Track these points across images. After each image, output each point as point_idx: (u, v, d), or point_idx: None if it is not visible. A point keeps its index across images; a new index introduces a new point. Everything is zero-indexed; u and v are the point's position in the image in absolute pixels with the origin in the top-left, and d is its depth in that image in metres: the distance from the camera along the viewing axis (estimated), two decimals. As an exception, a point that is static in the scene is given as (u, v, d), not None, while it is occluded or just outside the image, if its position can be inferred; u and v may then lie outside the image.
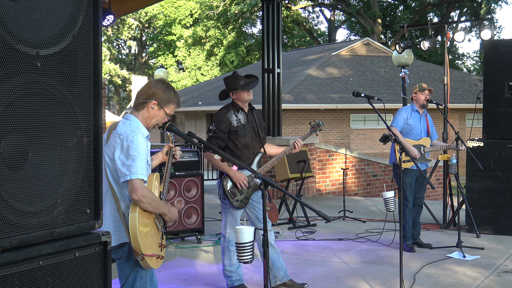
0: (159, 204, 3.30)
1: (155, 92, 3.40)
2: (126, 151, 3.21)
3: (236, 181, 4.80)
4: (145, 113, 3.41)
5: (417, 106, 6.75)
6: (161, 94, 3.41)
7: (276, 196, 10.51)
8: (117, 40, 45.73)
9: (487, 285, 5.27)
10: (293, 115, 20.72)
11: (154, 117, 3.42)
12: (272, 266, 4.95)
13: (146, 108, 3.40)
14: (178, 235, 6.99)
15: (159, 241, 3.35)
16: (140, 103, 3.41)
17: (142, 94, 3.42)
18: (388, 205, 5.52)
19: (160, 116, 3.43)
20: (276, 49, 10.81)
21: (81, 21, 2.31)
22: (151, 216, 3.29)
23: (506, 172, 7.28)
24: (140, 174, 3.19)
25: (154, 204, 3.25)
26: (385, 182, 12.80)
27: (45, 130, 2.17)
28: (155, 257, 3.27)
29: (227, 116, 4.90)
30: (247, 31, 40.71)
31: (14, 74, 2.03)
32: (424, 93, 6.69)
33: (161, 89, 3.42)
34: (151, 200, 3.22)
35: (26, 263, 2.08)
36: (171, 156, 3.63)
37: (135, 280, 3.35)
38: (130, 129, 3.29)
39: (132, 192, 3.16)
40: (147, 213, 3.25)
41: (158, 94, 3.40)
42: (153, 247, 3.26)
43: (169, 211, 3.37)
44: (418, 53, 32.94)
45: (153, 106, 3.40)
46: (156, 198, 3.29)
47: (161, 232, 3.38)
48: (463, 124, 22.87)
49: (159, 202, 3.31)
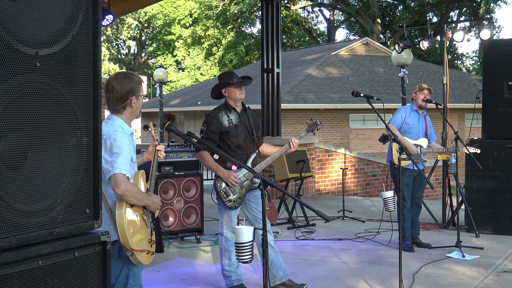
0: (142, 196, 3.35)
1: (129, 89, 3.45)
2: (110, 149, 3.27)
3: (225, 180, 4.81)
4: (128, 111, 3.48)
5: (416, 106, 6.75)
6: (134, 85, 3.47)
7: (276, 196, 10.51)
8: (117, 40, 45.73)
9: (486, 284, 5.27)
10: (293, 115, 20.73)
11: (137, 108, 3.52)
12: (271, 266, 4.95)
13: (128, 106, 3.47)
14: (177, 235, 6.98)
15: (148, 237, 3.39)
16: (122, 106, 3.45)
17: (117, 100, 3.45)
18: (388, 205, 5.53)
19: (141, 103, 3.55)
20: (276, 49, 10.81)
21: (81, 21, 2.31)
22: (138, 211, 3.34)
23: (505, 172, 7.28)
24: (122, 169, 3.23)
25: (138, 196, 3.30)
26: (384, 182, 12.80)
27: (45, 130, 2.16)
28: (145, 252, 3.31)
29: (218, 117, 4.91)
30: (246, 31, 40.73)
31: (14, 74, 2.03)
32: (423, 93, 6.69)
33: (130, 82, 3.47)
34: (134, 193, 3.27)
35: (25, 263, 2.08)
36: (156, 155, 3.67)
37: (128, 277, 3.38)
38: (112, 128, 3.35)
39: (115, 187, 3.20)
40: (134, 209, 3.30)
41: (132, 88, 3.47)
42: (142, 242, 3.30)
43: (153, 202, 3.42)
44: (418, 53, 32.97)
45: (134, 101, 3.47)
46: (139, 191, 3.34)
47: (149, 228, 3.43)
48: (463, 124, 22.88)
49: (142, 194, 3.36)
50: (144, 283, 5.39)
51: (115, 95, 3.44)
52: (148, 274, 5.69)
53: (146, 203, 3.37)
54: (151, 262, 3.44)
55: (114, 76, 3.54)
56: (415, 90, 6.79)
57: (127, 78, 3.48)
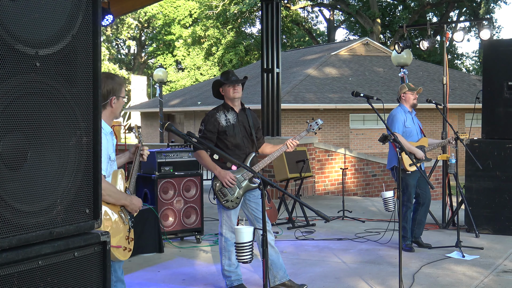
0: (120, 196, 3.39)
1: (109, 89, 3.49)
2: None
3: (221, 180, 4.81)
4: (107, 111, 3.51)
5: (407, 106, 6.67)
6: (116, 86, 3.51)
7: (275, 196, 10.51)
8: (116, 40, 45.73)
9: (486, 284, 5.27)
10: (292, 115, 20.73)
11: (118, 108, 3.55)
12: (271, 266, 4.95)
13: (108, 106, 3.50)
14: (177, 235, 6.99)
15: (126, 234, 3.43)
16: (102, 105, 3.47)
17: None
18: (388, 205, 5.53)
19: (122, 104, 3.58)
20: (275, 49, 10.81)
21: (80, 21, 2.30)
22: (115, 209, 3.38)
23: (505, 172, 7.28)
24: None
25: (115, 195, 3.34)
26: (384, 182, 12.81)
27: (44, 130, 2.16)
28: (121, 248, 3.35)
29: (216, 116, 4.94)
30: (246, 31, 40.73)
31: (13, 74, 2.03)
32: (413, 93, 6.64)
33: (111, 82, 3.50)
34: (111, 192, 3.31)
35: (25, 263, 2.08)
36: (139, 155, 3.71)
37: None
38: None
39: None
40: (110, 206, 3.34)
41: (113, 89, 3.51)
42: (118, 238, 3.35)
43: (131, 202, 3.47)
44: (417, 53, 32.98)
45: (114, 101, 3.51)
46: (116, 190, 3.38)
47: (127, 225, 3.47)
48: (462, 124, 22.88)
49: (120, 194, 3.40)
50: (144, 283, 5.41)
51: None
52: (148, 274, 5.69)
53: (123, 203, 3.42)
54: (151, 262, 3.46)
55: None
56: (404, 90, 6.62)
57: (108, 78, 3.52)
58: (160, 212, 6.70)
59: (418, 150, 6.53)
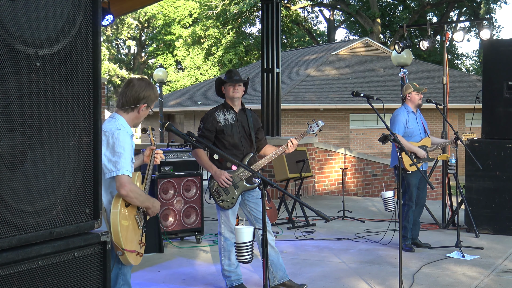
0: (145, 198, 3.41)
1: (146, 95, 3.50)
2: (112, 148, 3.30)
3: (216, 179, 4.82)
4: (134, 114, 3.51)
5: (412, 106, 6.67)
6: (152, 95, 3.53)
7: (275, 196, 10.51)
8: (116, 40, 45.72)
9: (486, 285, 5.27)
10: (292, 115, 20.73)
11: (142, 116, 3.56)
12: (271, 266, 4.95)
13: (136, 110, 3.50)
14: (177, 235, 6.98)
15: (139, 238, 3.44)
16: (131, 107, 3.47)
17: (132, 98, 3.49)
18: (388, 205, 5.53)
19: (146, 114, 3.58)
20: (275, 49, 10.81)
21: (80, 21, 2.31)
22: (132, 213, 3.38)
23: (505, 172, 7.28)
24: (126, 170, 3.28)
25: (140, 198, 3.36)
26: (384, 182, 12.81)
27: (44, 130, 2.16)
28: (134, 253, 3.35)
29: (215, 115, 4.95)
30: (246, 31, 40.73)
31: (13, 74, 2.03)
32: (419, 93, 6.65)
33: (151, 90, 3.52)
34: (137, 194, 3.32)
35: (25, 263, 2.08)
36: (153, 158, 3.70)
37: (118, 276, 3.42)
38: (115, 126, 3.37)
39: (120, 187, 3.25)
40: (128, 210, 3.34)
41: (150, 96, 3.52)
42: (133, 243, 3.34)
43: (153, 205, 3.48)
44: (417, 53, 32.97)
45: (143, 109, 3.51)
46: (141, 193, 3.40)
47: (141, 230, 3.47)
48: (462, 124, 22.88)
49: (145, 196, 3.42)
50: (144, 283, 5.41)
51: (133, 93, 3.48)
52: (148, 274, 5.69)
53: (146, 205, 3.43)
54: (151, 262, 3.46)
55: (140, 78, 3.63)
56: (409, 90, 6.62)
57: (150, 86, 3.55)
58: (160, 212, 6.70)
59: (420, 150, 6.52)
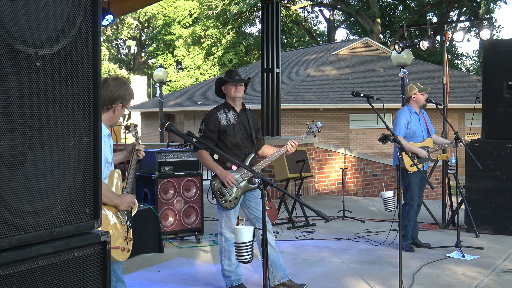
0: (112, 195, 3.40)
1: (121, 95, 3.50)
2: None
3: (222, 180, 4.81)
4: (109, 114, 3.51)
5: (416, 107, 6.67)
6: (127, 95, 3.52)
7: (276, 196, 10.51)
8: (116, 39, 45.73)
9: (486, 285, 5.27)
10: (292, 115, 20.73)
11: (118, 116, 3.55)
12: (271, 266, 4.95)
13: (111, 110, 3.50)
14: (177, 235, 6.99)
15: (124, 234, 3.44)
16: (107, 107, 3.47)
17: (107, 98, 3.48)
18: (387, 205, 5.53)
19: (122, 114, 3.57)
20: (275, 49, 10.81)
21: (80, 21, 2.30)
22: (111, 209, 3.40)
23: (505, 171, 7.28)
24: None
25: (108, 194, 3.35)
26: (384, 182, 12.81)
27: (44, 130, 2.16)
28: (119, 249, 3.36)
29: (216, 115, 4.93)
30: (246, 31, 40.74)
31: (13, 74, 2.03)
32: (423, 94, 6.66)
33: (126, 90, 3.52)
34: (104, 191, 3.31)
35: (25, 263, 2.08)
36: (135, 154, 3.71)
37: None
38: None
39: None
40: (107, 207, 3.36)
41: (125, 96, 3.51)
42: (117, 240, 3.36)
43: (122, 202, 3.46)
44: (417, 53, 32.98)
45: (118, 108, 3.51)
46: (108, 190, 3.39)
47: (125, 225, 3.47)
48: (462, 124, 22.88)
49: (111, 193, 3.41)
50: (144, 283, 5.41)
51: (108, 94, 3.47)
52: (148, 274, 5.69)
53: (115, 203, 3.42)
54: (151, 262, 3.47)
55: (115, 77, 3.59)
56: (414, 91, 6.64)
57: (125, 85, 3.53)
58: (160, 212, 6.71)
59: (421, 150, 6.53)
